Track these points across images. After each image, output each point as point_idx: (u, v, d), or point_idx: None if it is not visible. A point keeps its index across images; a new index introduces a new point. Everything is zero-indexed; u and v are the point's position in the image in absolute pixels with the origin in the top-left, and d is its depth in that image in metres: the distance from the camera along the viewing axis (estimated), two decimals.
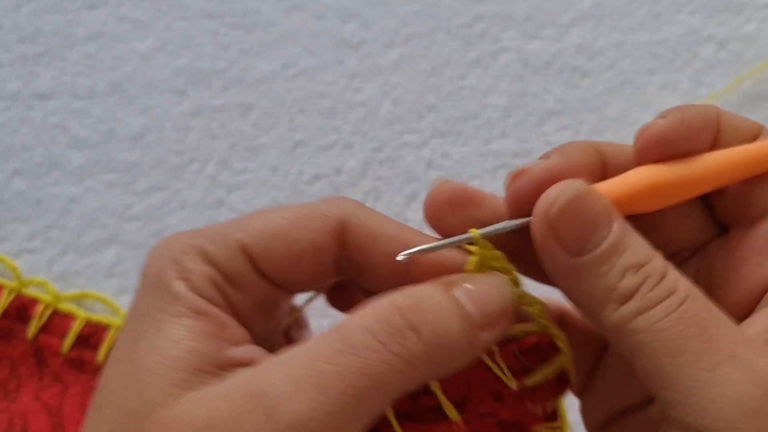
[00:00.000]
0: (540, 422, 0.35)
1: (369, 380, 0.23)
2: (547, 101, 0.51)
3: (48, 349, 0.44)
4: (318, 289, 0.31)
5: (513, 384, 0.27)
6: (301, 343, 0.24)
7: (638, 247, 0.25)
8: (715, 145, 0.28)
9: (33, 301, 0.45)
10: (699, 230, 0.29)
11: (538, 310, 0.28)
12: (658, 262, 0.25)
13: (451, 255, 0.28)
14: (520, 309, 0.28)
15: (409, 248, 0.27)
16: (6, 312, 0.44)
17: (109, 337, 0.44)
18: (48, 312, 0.45)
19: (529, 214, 0.27)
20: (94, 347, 0.44)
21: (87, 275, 0.48)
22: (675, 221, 0.29)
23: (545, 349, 0.28)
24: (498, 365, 0.27)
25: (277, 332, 0.31)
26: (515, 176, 0.28)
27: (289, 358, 0.24)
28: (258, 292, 0.27)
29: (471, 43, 0.53)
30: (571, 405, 0.44)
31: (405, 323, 0.24)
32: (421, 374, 0.25)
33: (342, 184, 0.49)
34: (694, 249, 0.30)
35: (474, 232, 0.27)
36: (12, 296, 0.45)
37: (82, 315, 0.45)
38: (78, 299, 0.46)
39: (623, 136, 0.50)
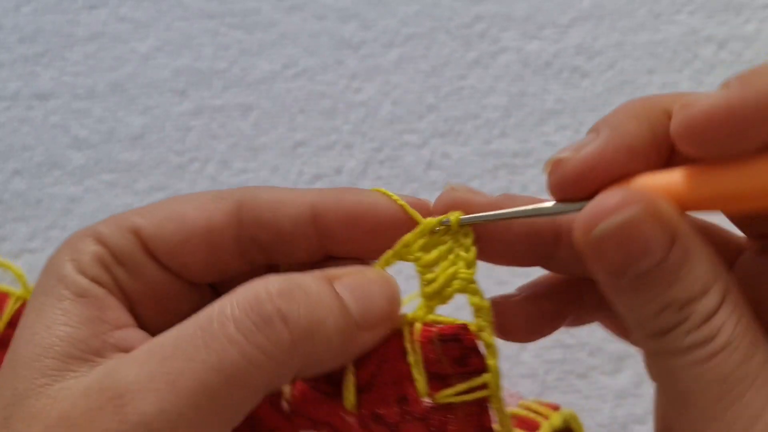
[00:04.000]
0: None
1: (224, 377, 0.22)
2: (547, 101, 0.51)
3: None
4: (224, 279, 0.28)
5: (424, 389, 0.24)
6: (165, 333, 0.23)
7: (695, 277, 0.22)
8: None
9: None
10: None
11: (482, 306, 0.25)
12: (710, 299, 0.22)
13: (370, 200, 0.27)
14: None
15: (316, 209, 0.26)
16: (12, 320, 0.44)
17: None
18: None
19: (578, 196, 0.24)
20: None
21: None
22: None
23: (468, 351, 0.24)
24: (416, 357, 0.24)
25: None
26: (555, 165, 0.24)
27: (148, 351, 0.23)
28: (150, 276, 0.26)
29: (471, 43, 0.53)
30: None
31: (274, 310, 0.22)
32: (285, 369, 0.23)
33: (342, 184, 0.49)
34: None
35: (455, 214, 0.26)
36: (18, 304, 0.44)
37: None
38: None
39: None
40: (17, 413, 0.23)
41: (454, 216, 0.26)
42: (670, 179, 0.23)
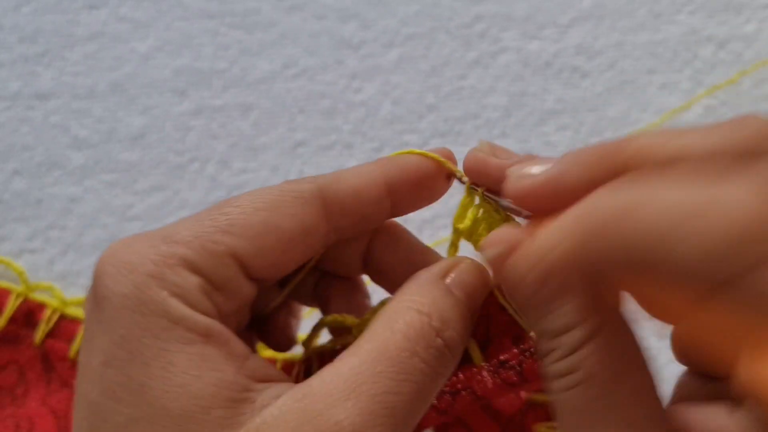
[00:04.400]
0: (540, 421, 0.35)
1: (422, 400, 0.25)
2: (547, 101, 0.51)
3: (55, 354, 0.43)
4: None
5: (526, 323, 0.28)
6: (344, 364, 0.24)
7: (560, 316, 0.23)
8: None
9: (40, 306, 0.45)
10: None
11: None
12: (574, 337, 0.23)
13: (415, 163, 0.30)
14: None
15: (385, 188, 0.29)
16: (13, 317, 0.44)
17: None
18: (55, 317, 0.44)
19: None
20: None
21: (88, 275, 0.48)
22: None
23: None
24: (512, 307, 0.29)
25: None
26: (519, 178, 0.26)
27: (351, 386, 0.23)
28: (245, 294, 0.26)
29: (471, 43, 0.53)
30: None
31: (441, 342, 0.26)
32: (448, 376, 0.27)
33: None
34: None
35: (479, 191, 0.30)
36: (19, 301, 0.44)
37: None
38: (84, 304, 0.46)
39: (623, 136, 0.50)
40: None
41: (479, 193, 0.30)
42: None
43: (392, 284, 0.30)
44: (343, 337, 0.31)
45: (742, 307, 0.20)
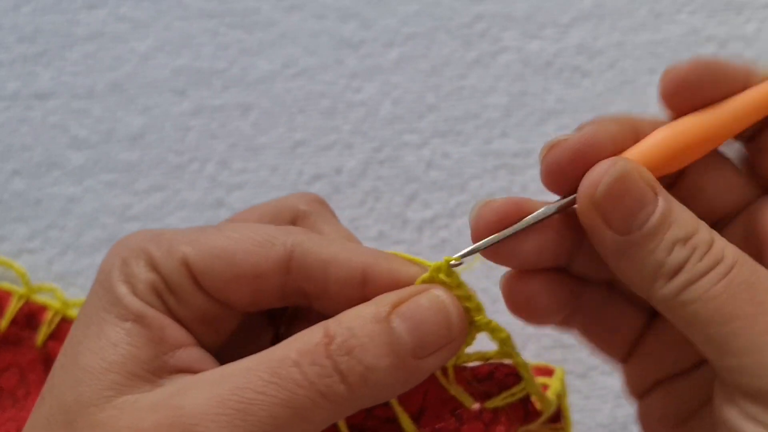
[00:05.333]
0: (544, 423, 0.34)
1: (292, 412, 0.24)
2: (548, 101, 0.51)
3: (57, 356, 0.44)
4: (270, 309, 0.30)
5: (471, 403, 0.27)
6: (231, 364, 0.25)
7: (685, 219, 0.26)
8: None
9: (42, 308, 0.44)
10: (741, 192, 0.29)
11: (502, 337, 0.28)
12: (704, 232, 0.25)
13: (409, 273, 0.28)
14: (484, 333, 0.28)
15: (363, 274, 0.27)
16: (15, 319, 0.44)
17: None
18: (57, 319, 0.44)
19: (565, 186, 0.27)
20: None
21: (87, 275, 0.48)
22: (716, 186, 0.29)
23: (502, 378, 0.28)
24: (453, 385, 0.27)
25: (237, 347, 0.31)
26: (551, 148, 0.28)
27: (219, 379, 0.25)
28: (199, 305, 0.28)
29: (471, 42, 0.53)
30: (574, 405, 0.44)
31: (332, 365, 0.24)
32: (347, 410, 0.25)
33: (342, 184, 0.49)
34: (739, 211, 0.29)
35: (446, 259, 0.27)
36: (21, 303, 0.44)
37: None
38: None
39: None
40: (81, 420, 0.24)
41: (443, 265, 0.27)
42: (636, 150, 0.27)
43: None
44: None
45: None
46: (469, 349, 0.28)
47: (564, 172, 0.27)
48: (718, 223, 0.29)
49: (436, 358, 0.26)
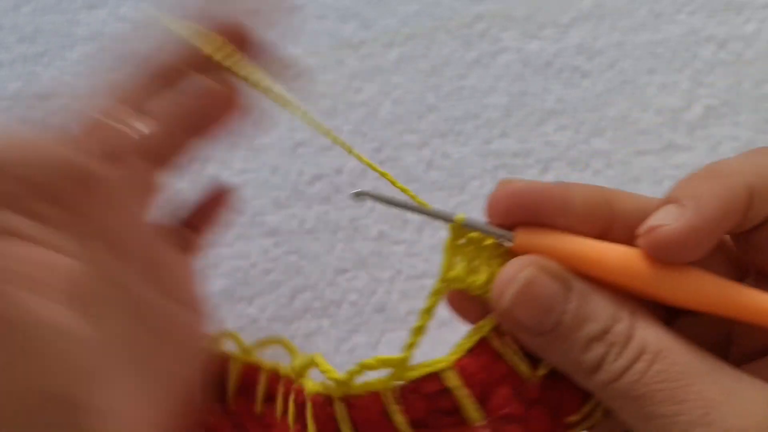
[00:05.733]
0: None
1: None
2: (548, 101, 0.51)
3: None
4: None
5: (528, 372, 0.27)
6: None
7: (600, 312, 0.25)
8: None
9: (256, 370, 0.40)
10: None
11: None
12: (622, 325, 0.25)
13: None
14: None
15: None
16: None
17: None
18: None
19: (501, 221, 0.27)
20: None
21: None
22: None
23: None
24: (510, 348, 0.27)
25: None
26: (503, 184, 0.27)
27: None
28: None
29: (471, 42, 0.53)
30: None
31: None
32: None
33: (342, 184, 0.49)
34: None
35: (458, 217, 0.27)
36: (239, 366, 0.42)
37: None
38: None
39: (623, 136, 0.50)
40: None
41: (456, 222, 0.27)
42: (600, 248, 0.26)
43: None
44: None
45: None
46: None
47: (503, 210, 0.27)
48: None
49: None
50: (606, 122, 0.51)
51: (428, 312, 0.27)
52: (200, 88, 0.31)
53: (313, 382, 0.29)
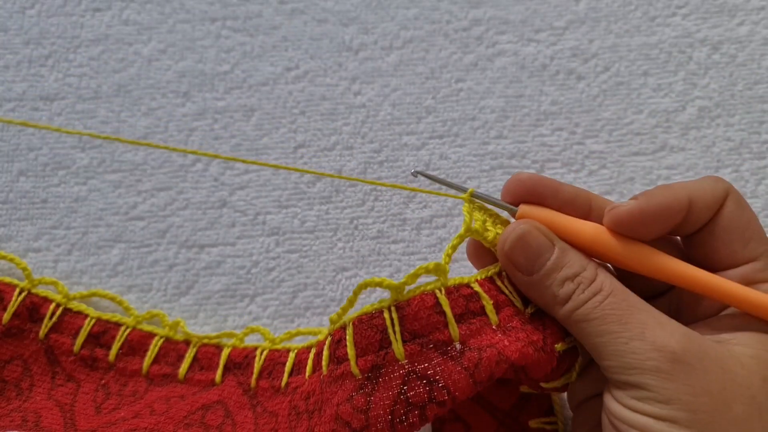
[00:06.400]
0: (536, 416, 0.37)
1: None
2: (543, 103, 0.51)
3: (59, 348, 0.43)
4: None
5: (519, 303, 0.35)
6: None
7: (574, 261, 0.34)
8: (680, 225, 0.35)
9: (44, 300, 0.44)
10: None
11: None
12: (589, 271, 0.34)
13: None
14: None
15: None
16: (17, 311, 0.44)
17: (120, 335, 0.44)
18: (59, 311, 0.44)
19: (511, 200, 0.37)
20: (106, 345, 0.44)
21: (92, 274, 0.48)
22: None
23: None
24: (508, 288, 0.36)
25: None
26: (516, 175, 0.37)
27: None
28: None
29: (468, 46, 0.52)
30: (567, 402, 0.44)
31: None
32: None
33: (342, 185, 0.49)
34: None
35: (470, 191, 0.37)
36: (23, 295, 0.44)
37: (93, 313, 0.44)
38: (88, 297, 0.46)
39: (618, 137, 0.50)
40: None
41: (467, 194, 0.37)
42: (578, 224, 0.36)
43: None
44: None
45: None
46: None
47: (514, 192, 0.37)
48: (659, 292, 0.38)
49: None
50: (601, 124, 0.51)
51: (453, 247, 0.35)
52: None
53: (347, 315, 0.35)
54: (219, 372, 0.43)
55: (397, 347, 0.33)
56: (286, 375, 0.41)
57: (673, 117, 0.51)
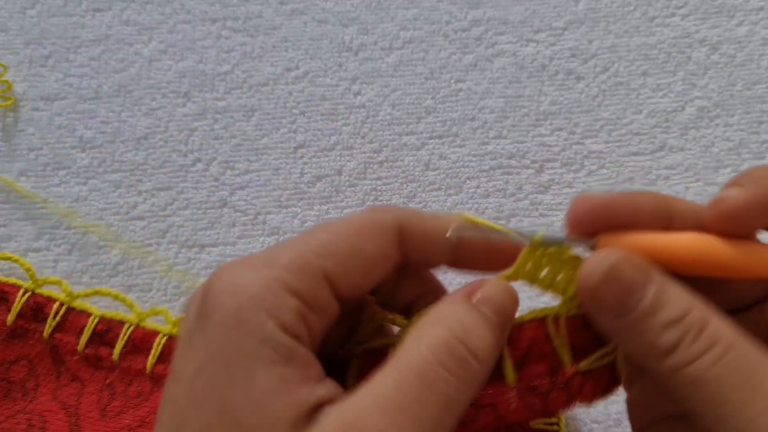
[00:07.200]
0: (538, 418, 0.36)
1: (449, 411, 0.25)
2: (543, 104, 0.51)
3: (64, 347, 0.43)
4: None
5: (569, 361, 0.29)
6: (377, 379, 0.25)
7: (676, 301, 0.27)
8: None
9: (48, 300, 0.44)
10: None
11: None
12: (697, 313, 0.26)
13: (502, 244, 0.30)
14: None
15: (444, 252, 0.30)
16: (22, 312, 0.44)
17: (124, 333, 0.44)
18: (63, 310, 0.44)
19: (582, 233, 0.29)
20: (110, 344, 0.44)
21: (92, 274, 0.48)
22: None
23: (601, 336, 0.30)
24: (560, 338, 0.29)
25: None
26: (579, 200, 0.29)
27: (380, 400, 0.25)
28: (332, 315, 0.28)
29: (468, 46, 0.53)
30: None
31: (465, 351, 0.26)
32: (477, 388, 0.27)
33: (342, 185, 0.49)
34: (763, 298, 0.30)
35: (539, 235, 0.29)
36: (27, 296, 0.44)
37: (96, 311, 0.45)
38: (91, 296, 0.46)
39: (617, 137, 0.50)
40: None
41: (537, 238, 0.30)
42: (667, 239, 0.28)
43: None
44: (390, 337, 0.31)
45: None
46: None
47: (585, 223, 0.29)
48: (741, 308, 0.30)
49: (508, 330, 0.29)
50: (600, 124, 0.51)
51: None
52: None
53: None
54: None
55: None
56: None
57: (673, 117, 0.51)
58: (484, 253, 0.30)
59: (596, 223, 0.29)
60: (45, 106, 0.51)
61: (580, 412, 0.45)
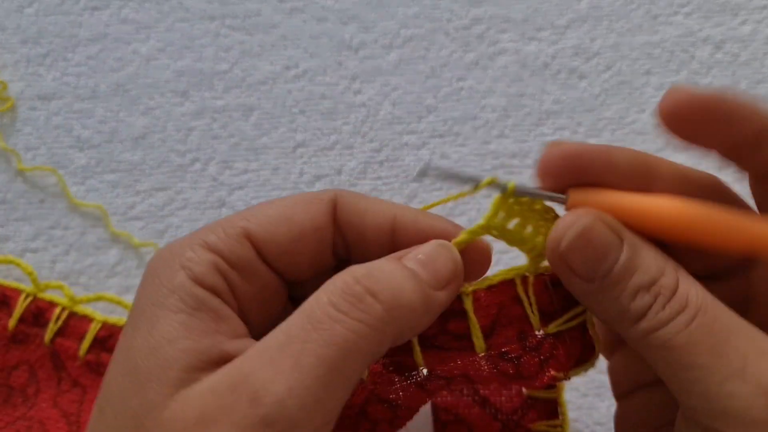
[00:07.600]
0: (540, 420, 0.36)
1: (337, 350, 0.24)
2: (545, 102, 0.51)
3: (65, 353, 0.43)
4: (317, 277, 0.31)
5: (537, 324, 0.29)
6: (275, 330, 0.25)
7: (649, 263, 0.26)
8: None
9: (50, 305, 0.44)
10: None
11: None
12: (669, 276, 0.26)
13: (441, 225, 0.30)
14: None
15: (396, 222, 0.29)
16: (23, 316, 0.44)
17: None
18: (64, 315, 0.44)
19: (552, 183, 0.28)
20: (111, 350, 0.43)
21: (90, 274, 0.48)
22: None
23: (572, 296, 0.29)
24: (529, 299, 0.29)
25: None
26: (551, 147, 0.28)
27: (265, 343, 0.25)
28: (261, 278, 0.28)
29: (469, 44, 0.53)
30: (571, 402, 0.44)
31: (363, 289, 0.25)
32: (385, 336, 0.26)
33: (342, 184, 0.49)
34: (739, 267, 0.30)
35: (512, 183, 0.29)
36: (29, 300, 0.44)
37: (98, 317, 0.44)
38: (94, 301, 0.46)
39: (620, 137, 0.50)
40: (150, 422, 0.24)
41: (510, 185, 0.29)
42: (643, 201, 0.27)
43: None
44: None
45: None
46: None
47: (554, 170, 0.28)
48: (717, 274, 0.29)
49: (447, 292, 0.28)
50: (603, 123, 0.51)
51: (459, 243, 0.29)
52: None
53: None
54: None
55: None
56: None
57: None
58: (422, 239, 0.29)
59: (567, 173, 0.28)
60: (42, 105, 0.51)
61: (582, 414, 0.45)
